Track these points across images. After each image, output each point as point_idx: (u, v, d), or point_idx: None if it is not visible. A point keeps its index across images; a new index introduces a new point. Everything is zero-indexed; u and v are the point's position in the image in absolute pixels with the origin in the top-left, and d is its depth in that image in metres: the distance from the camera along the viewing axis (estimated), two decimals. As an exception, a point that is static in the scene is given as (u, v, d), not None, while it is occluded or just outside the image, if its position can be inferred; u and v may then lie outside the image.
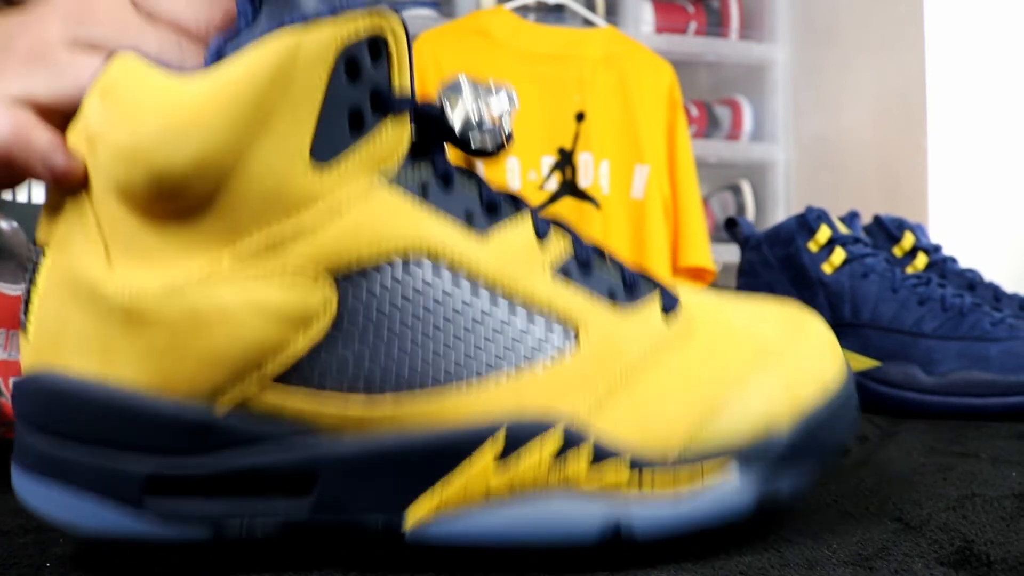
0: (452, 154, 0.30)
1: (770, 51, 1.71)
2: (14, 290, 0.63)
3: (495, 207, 0.29)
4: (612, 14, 1.61)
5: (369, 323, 0.26)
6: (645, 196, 1.33)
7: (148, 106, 0.25)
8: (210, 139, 0.25)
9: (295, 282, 0.26)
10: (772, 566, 0.27)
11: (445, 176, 0.29)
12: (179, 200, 0.25)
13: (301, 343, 0.26)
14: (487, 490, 0.26)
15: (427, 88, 1.28)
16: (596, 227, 1.30)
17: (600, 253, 0.31)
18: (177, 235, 0.26)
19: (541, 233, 0.29)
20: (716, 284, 1.60)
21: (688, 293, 0.32)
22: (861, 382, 0.66)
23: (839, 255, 0.69)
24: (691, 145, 1.41)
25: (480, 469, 0.26)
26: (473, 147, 0.29)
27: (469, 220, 0.28)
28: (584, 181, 1.30)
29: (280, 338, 0.26)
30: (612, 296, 0.30)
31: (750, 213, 1.71)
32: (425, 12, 1.57)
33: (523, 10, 1.46)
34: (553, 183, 1.30)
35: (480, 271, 0.28)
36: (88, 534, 0.27)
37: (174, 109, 0.25)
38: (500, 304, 0.28)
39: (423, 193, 0.28)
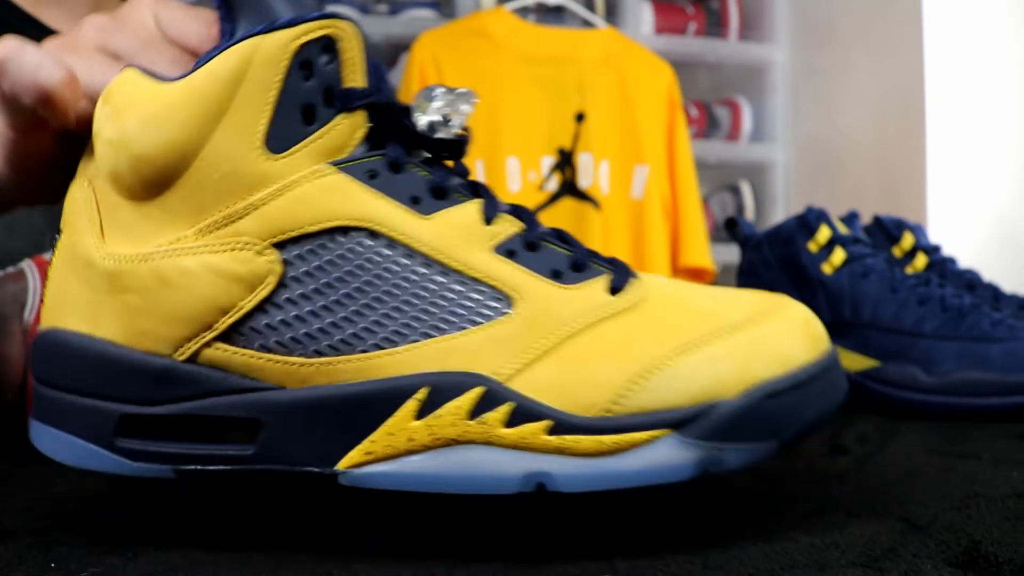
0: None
1: (769, 52, 1.71)
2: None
3: (443, 192, 0.31)
4: (612, 15, 1.61)
5: (311, 290, 0.30)
6: (645, 196, 1.34)
7: (133, 105, 0.30)
8: (176, 128, 0.30)
9: (245, 251, 0.30)
10: (782, 567, 0.27)
11: (394, 164, 0.31)
12: (155, 182, 0.30)
13: (248, 304, 0.30)
14: (411, 440, 0.29)
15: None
16: (596, 227, 1.30)
17: (561, 239, 0.33)
18: (154, 214, 0.31)
19: (488, 214, 0.31)
20: (716, 284, 1.60)
21: (657, 278, 0.33)
22: (861, 382, 0.66)
23: (839, 255, 0.69)
24: (691, 145, 1.41)
25: (404, 421, 0.29)
26: (434, 143, 0.32)
27: (415, 203, 0.31)
28: (584, 181, 1.30)
29: (231, 299, 0.30)
30: (556, 275, 0.31)
31: (749, 213, 1.71)
32: (425, 12, 1.57)
33: (523, 11, 1.46)
34: (553, 183, 1.30)
35: (420, 247, 0.30)
36: (78, 467, 0.31)
37: (150, 105, 0.30)
38: (438, 276, 0.30)
39: (371, 177, 0.31)
